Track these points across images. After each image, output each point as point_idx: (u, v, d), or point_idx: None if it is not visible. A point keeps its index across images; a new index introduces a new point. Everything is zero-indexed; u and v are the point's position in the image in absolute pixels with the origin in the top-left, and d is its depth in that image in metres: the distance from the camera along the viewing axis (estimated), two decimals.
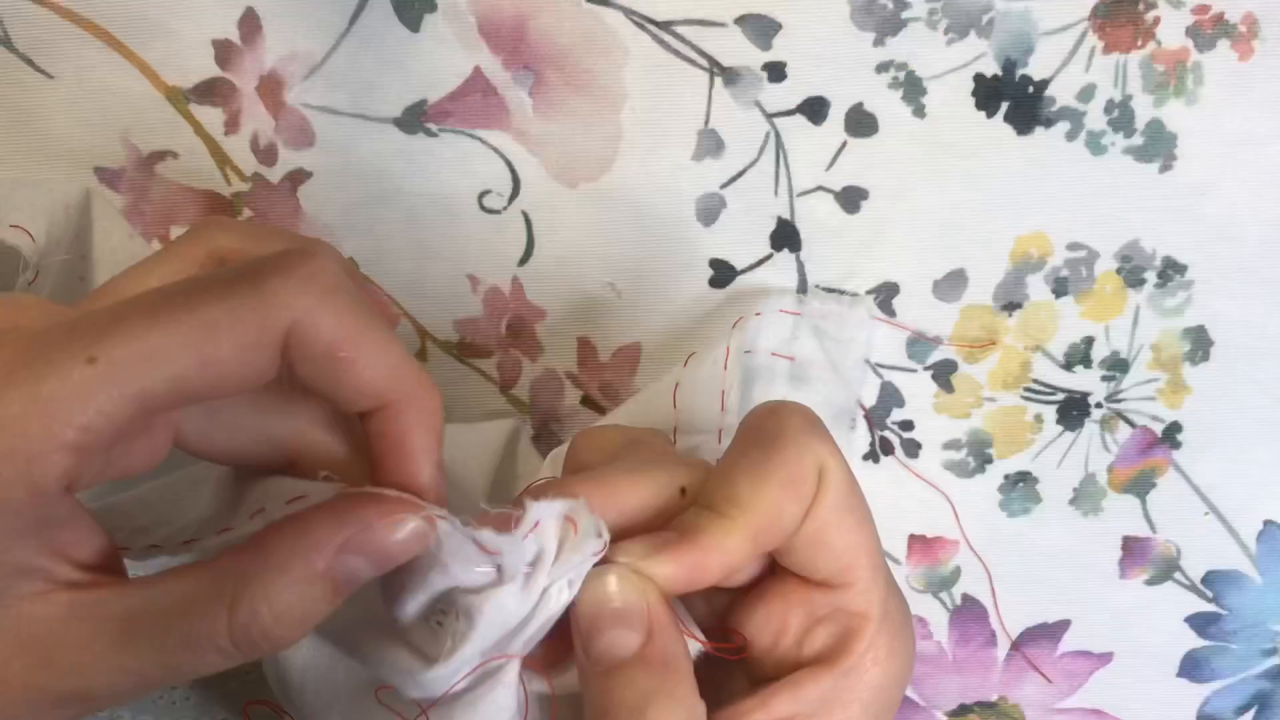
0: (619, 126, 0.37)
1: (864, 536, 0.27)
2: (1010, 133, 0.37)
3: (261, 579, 0.23)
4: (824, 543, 0.27)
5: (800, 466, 0.26)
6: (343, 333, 0.23)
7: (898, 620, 0.28)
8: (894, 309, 0.38)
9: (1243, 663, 0.40)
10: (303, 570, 0.23)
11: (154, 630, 0.23)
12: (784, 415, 0.27)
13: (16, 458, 0.21)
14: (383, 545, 0.24)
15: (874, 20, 0.36)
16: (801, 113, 0.37)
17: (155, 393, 0.21)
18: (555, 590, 0.25)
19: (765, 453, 0.26)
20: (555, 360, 0.38)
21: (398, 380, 0.24)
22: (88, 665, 0.23)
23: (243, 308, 0.22)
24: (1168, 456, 0.39)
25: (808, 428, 0.27)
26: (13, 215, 0.32)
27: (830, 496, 0.26)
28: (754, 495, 0.26)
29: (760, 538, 0.26)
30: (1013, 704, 0.41)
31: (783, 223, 0.37)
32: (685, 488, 0.27)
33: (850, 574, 0.27)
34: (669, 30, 0.36)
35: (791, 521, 0.26)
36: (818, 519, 0.26)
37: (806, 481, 0.26)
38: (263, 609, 0.23)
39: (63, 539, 0.23)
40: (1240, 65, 0.36)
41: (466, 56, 0.36)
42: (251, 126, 0.36)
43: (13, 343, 0.21)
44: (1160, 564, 0.39)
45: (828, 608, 0.27)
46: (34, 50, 0.36)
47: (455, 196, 0.37)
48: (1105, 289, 0.38)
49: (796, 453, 0.26)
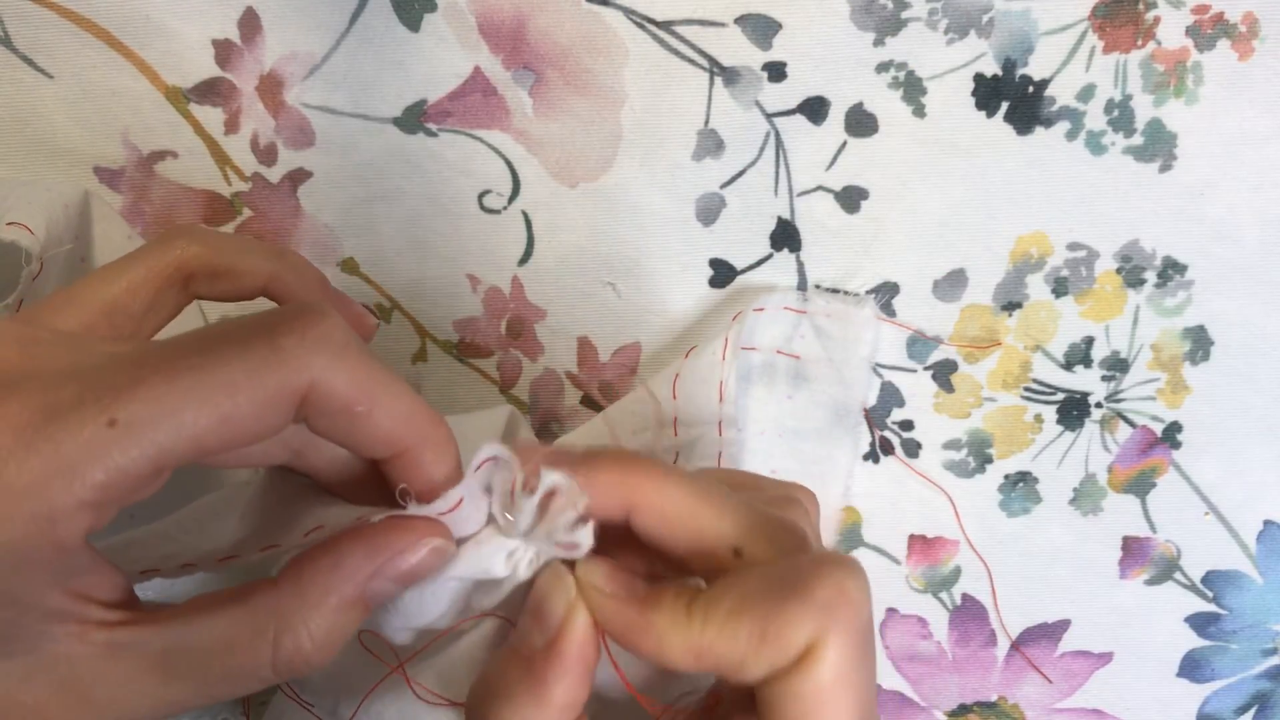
0: (619, 126, 0.37)
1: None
2: (1010, 132, 0.37)
3: (301, 613, 0.24)
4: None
5: (790, 626, 0.23)
6: (357, 389, 0.23)
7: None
8: (894, 309, 0.38)
9: (1243, 663, 0.40)
10: (338, 601, 0.24)
11: (195, 666, 0.24)
12: (830, 567, 0.24)
13: (40, 519, 0.21)
14: (409, 568, 0.25)
15: (874, 20, 0.36)
16: (801, 113, 0.37)
17: (175, 451, 0.22)
18: (527, 562, 0.26)
19: (774, 598, 0.24)
20: (555, 360, 0.38)
21: (413, 427, 0.25)
22: (128, 700, 0.24)
23: (262, 369, 0.22)
24: (1168, 456, 0.39)
25: (838, 590, 0.24)
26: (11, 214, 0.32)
27: (809, 680, 0.23)
28: (725, 625, 0.24)
29: (707, 665, 0.24)
30: (1013, 704, 0.41)
31: (783, 223, 0.37)
32: (741, 551, 0.25)
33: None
34: (669, 30, 0.36)
35: (750, 676, 0.24)
36: (792, 696, 0.23)
37: (785, 646, 0.23)
38: (305, 642, 0.24)
39: (87, 583, 0.23)
40: (1240, 65, 0.36)
41: (466, 56, 0.36)
42: (251, 126, 0.36)
43: (23, 396, 0.21)
44: (1160, 564, 0.39)
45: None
46: (34, 50, 0.36)
47: (455, 196, 0.37)
48: (1105, 289, 0.38)
49: (800, 615, 0.23)
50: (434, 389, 0.38)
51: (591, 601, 0.25)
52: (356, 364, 0.23)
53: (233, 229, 0.37)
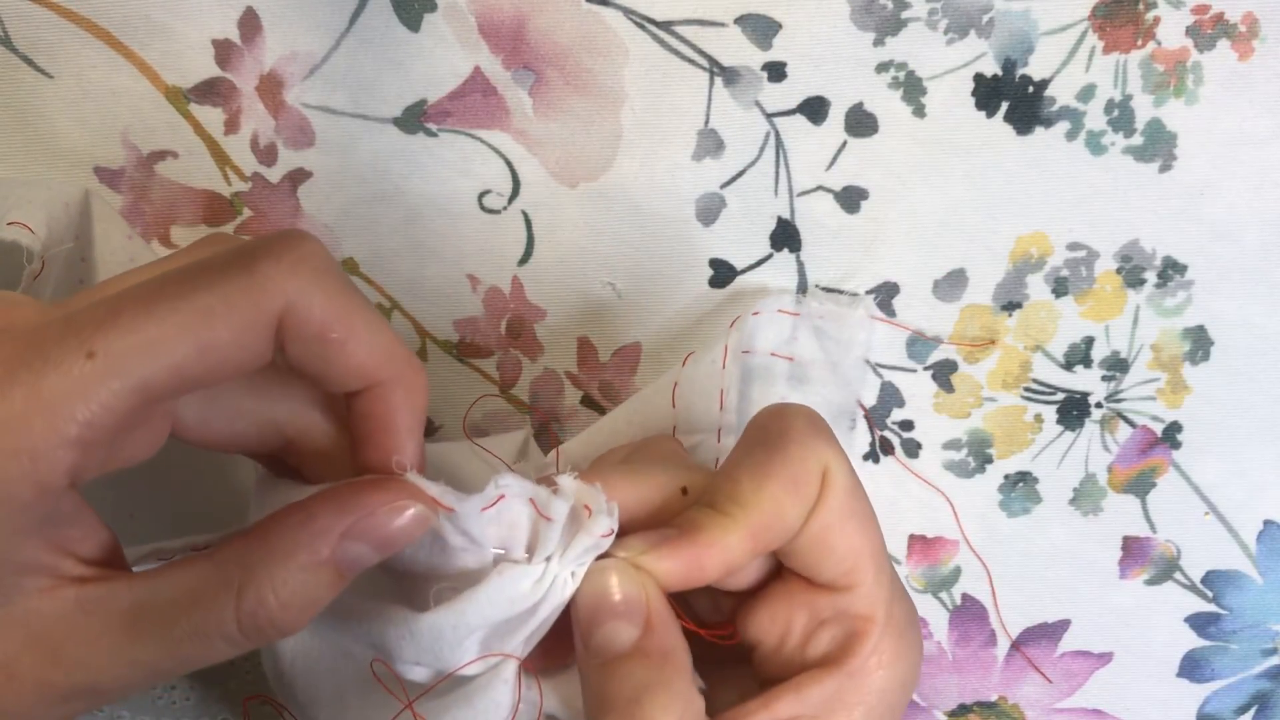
0: (619, 126, 0.37)
1: (868, 540, 0.27)
2: (1010, 132, 0.37)
3: (267, 566, 0.23)
4: (827, 545, 0.27)
5: (803, 467, 0.26)
6: (334, 314, 0.23)
7: (902, 624, 0.28)
8: (894, 309, 0.38)
9: (1243, 663, 0.40)
10: (308, 557, 0.23)
11: (162, 622, 0.23)
12: (789, 417, 0.27)
13: (21, 456, 0.21)
14: (385, 531, 0.24)
15: (874, 20, 0.36)
16: (801, 113, 0.37)
17: (156, 382, 0.21)
18: (560, 581, 0.26)
19: (769, 453, 0.27)
20: (555, 360, 0.38)
21: (387, 360, 0.25)
22: (97, 659, 0.23)
23: (237, 293, 0.22)
24: (1168, 456, 0.39)
25: (812, 430, 0.27)
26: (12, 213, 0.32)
27: (833, 499, 0.26)
28: (756, 494, 0.26)
29: (760, 536, 0.26)
30: (1013, 704, 0.41)
31: (783, 223, 0.37)
32: (687, 487, 0.27)
33: (854, 577, 0.27)
34: (669, 30, 0.36)
35: (793, 522, 0.26)
36: (820, 521, 0.26)
37: (809, 483, 0.26)
38: (269, 596, 0.23)
39: (68, 535, 0.23)
40: (1240, 65, 0.36)
41: (466, 56, 0.36)
42: (251, 126, 0.36)
43: (10, 341, 0.21)
44: (1160, 564, 0.39)
45: (831, 610, 0.27)
46: (34, 50, 0.36)
47: (455, 196, 0.37)
48: (1105, 289, 0.38)
49: (800, 453, 0.26)
50: (434, 389, 0.38)
51: (651, 567, 0.26)
52: (334, 289, 0.23)
53: (233, 229, 0.37)
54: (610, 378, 0.39)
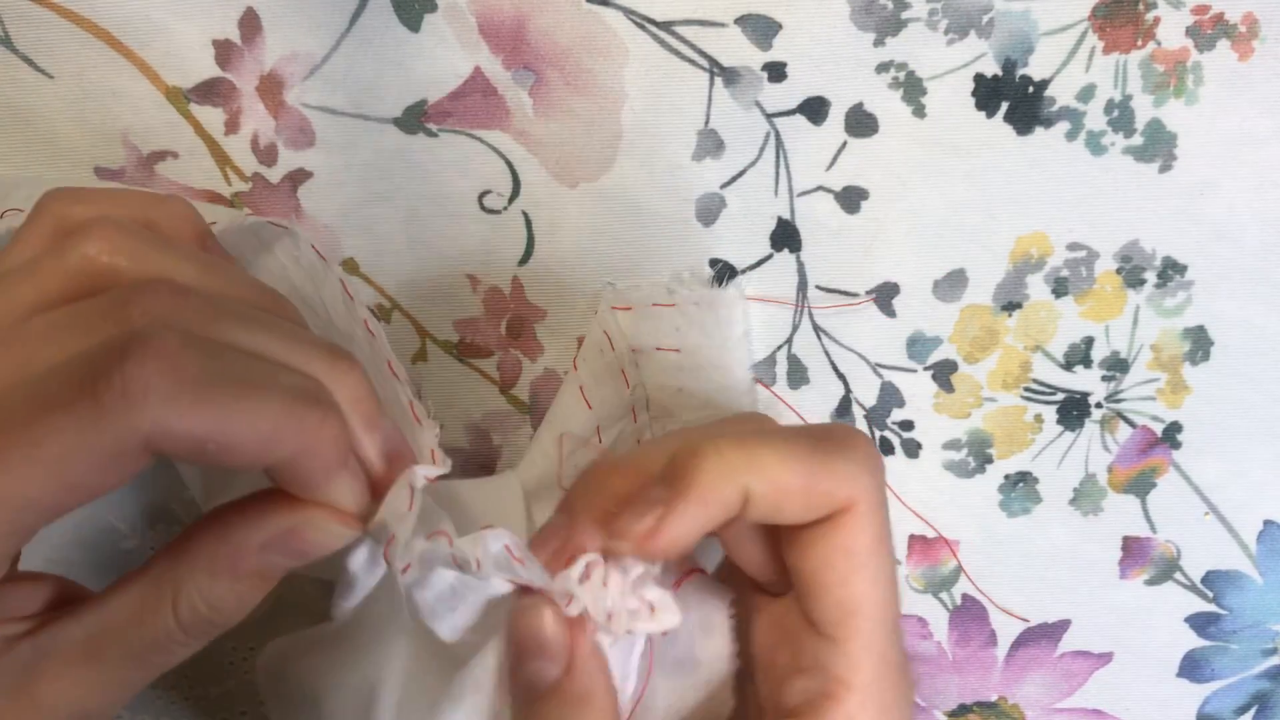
0: (619, 126, 0.37)
1: (871, 596, 0.25)
2: (1010, 133, 0.37)
3: (193, 579, 0.24)
4: (823, 583, 0.25)
5: (843, 461, 0.25)
6: (203, 428, 0.21)
7: (889, 703, 0.26)
8: (894, 309, 0.38)
9: (1243, 663, 0.40)
10: (227, 570, 0.24)
11: (118, 642, 0.24)
12: (853, 432, 0.27)
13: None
14: (300, 547, 0.24)
15: (874, 20, 0.36)
16: (801, 113, 0.37)
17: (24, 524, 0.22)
18: (496, 580, 0.26)
19: (815, 431, 0.26)
20: (555, 360, 0.38)
21: (281, 442, 0.22)
22: (72, 691, 0.24)
23: (91, 433, 0.20)
24: (1168, 456, 0.39)
25: (873, 454, 0.26)
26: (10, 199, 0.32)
27: (848, 537, 0.25)
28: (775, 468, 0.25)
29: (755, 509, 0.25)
30: (1013, 704, 0.41)
31: (783, 223, 0.37)
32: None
33: (842, 630, 0.25)
34: (669, 30, 0.36)
35: (791, 519, 0.25)
36: (825, 551, 0.25)
37: (831, 492, 0.25)
38: (200, 606, 0.24)
39: (2, 607, 0.24)
40: (1240, 65, 0.36)
41: (466, 56, 0.36)
42: (251, 126, 0.36)
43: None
44: (1160, 564, 0.39)
45: (812, 659, 0.26)
46: (34, 50, 0.36)
47: (455, 196, 0.37)
48: (1105, 289, 0.38)
49: (846, 442, 0.26)
50: (434, 389, 0.38)
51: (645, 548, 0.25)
52: (195, 403, 0.21)
53: None
54: None
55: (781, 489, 0.25)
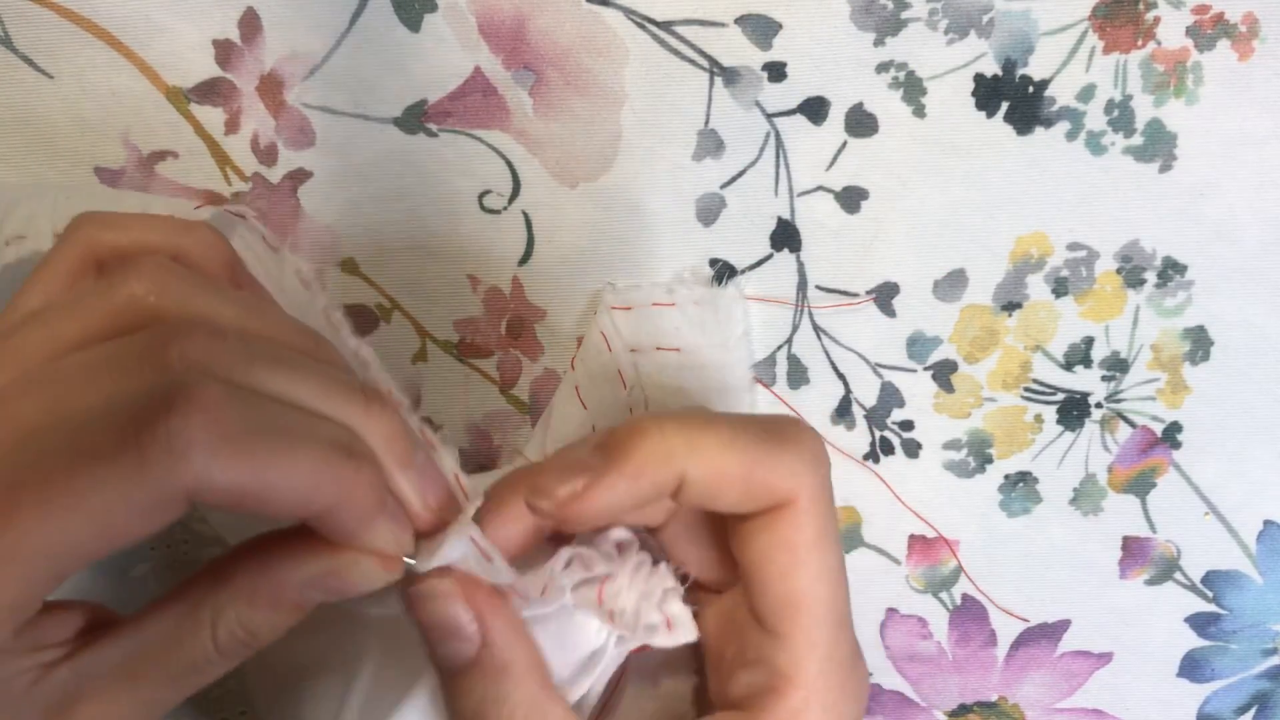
0: (619, 126, 0.37)
1: (814, 592, 0.25)
2: (1010, 133, 0.37)
3: (234, 607, 0.25)
4: (765, 578, 0.25)
5: (786, 454, 0.25)
6: (244, 481, 0.21)
7: (836, 697, 0.25)
8: (894, 309, 0.38)
9: (1243, 663, 0.40)
10: (267, 603, 0.25)
11: (156, 665, 0.25)
12: (801, 425, 0.27)
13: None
14: (339, 587, 0.25)
15: (874, 20, 0.36)
16: (801, 113, 0.37)
17: (64, 570, 0.22)
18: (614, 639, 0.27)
19: (762, 421, 0.26)
20: (555, 360, 0.38)
21: (319, 496, 0.23)
22: (111, 711, 0.24)
23: (134, 485, 0.21)
24: (1168, 456, 0.39)
25: (818, 450, 0.26)
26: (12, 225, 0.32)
27: (789, 528, 0.25)
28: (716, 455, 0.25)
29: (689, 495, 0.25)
30: (1013, 704, 0.41)
31: (783, 223, 0.37)
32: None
33: (785, 624, 0.25)
34: (669, 30, 0.36)
35: (726, 507, 0.25)
36: (767, 543, 0.25)
37: (773, 486, 0.25)
38: (238, 631, 0.25)
39: (39, 636, 0.24)
40: (1240, 65, 0.36)
41: (466, 56, 0.36)
42: (251, 126, 0.36)
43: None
44: (1160, 564, 0.39)
45: (757, 652, 0.26)
46: (34, 50, 0.36)
47: (455, 196, 0.37)
48: (1105, 289, 0.38)
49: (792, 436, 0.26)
50: (434, 389, 0.38)
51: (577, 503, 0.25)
52: (236, 456, 0.21)
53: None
54: None
55: (719, 474, 0.25)
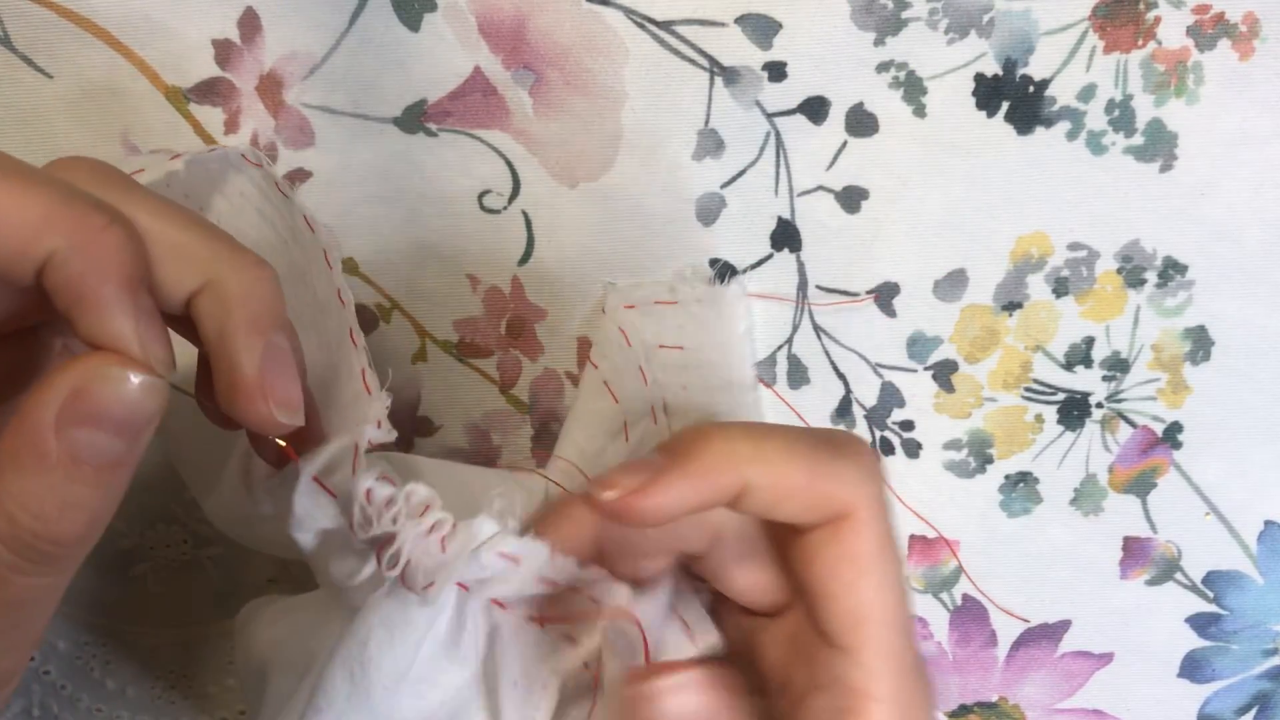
0: (619, 126, 0.37)
1: (880, 601, 0.24)
2: (1010, 132, 0.37)
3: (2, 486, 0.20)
4: (830, 592, 0.25)
5: (844, 466, 0.25)
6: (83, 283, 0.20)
7: (913, 707, 0.25)
8: (894, 309, 0.38)
9: (1243, 663, 0.40)
10: (33, 460, 0.20)
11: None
12: (855, 438, 0.26)
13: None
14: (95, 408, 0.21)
15: (874, 20, 0.36)
16: (802, 112, 0.37)
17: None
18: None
19: (818, 433, 0.26)
20: (555, 360, 0.38)
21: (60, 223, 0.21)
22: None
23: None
24: (1168, 456, 0.39)
25: (875, 462, 0.25)
26: None
27: (853, 540, 0.24)
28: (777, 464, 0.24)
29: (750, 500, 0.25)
30: (1013, 704, 0.41)
31: (783, 223, 0.37)
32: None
33: (854, 638, 0.24)
34: (669, 30, 0.36)
35: (785, 516, 0.25)
36: (830, 556, 0.24)
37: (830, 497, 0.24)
38: (16, 512, 0.20)
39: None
40: (1241, 65, 0.36)
41: (466, 56, 0.36)
42: (251, 126, 0.36)
43: None
44: (1161, 564, 0.39)
45: (828, 675, 0.25)
46: (34, 50, 0.36)
47: (455, 196, 0.37)
48: (1106, 289, 0.38)
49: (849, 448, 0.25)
50: (434, 389, 0.38)
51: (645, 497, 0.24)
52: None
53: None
54: None
55: (782, 481, 0.24)
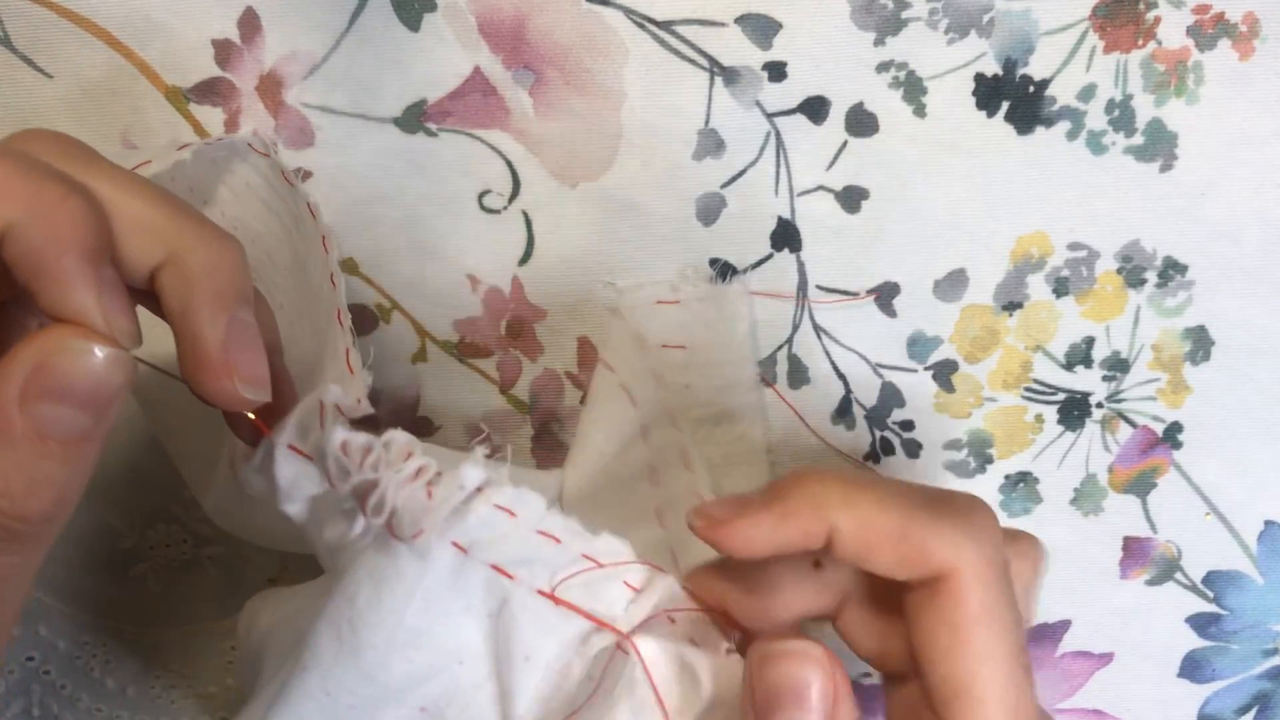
0: (619, 126, 0.37)
1: (982, 674, 0.23)
2: (1011, 132, 0.37)
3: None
4: (928, 659, 0.24)
5: (950, 526, 0.24)
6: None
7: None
8: (894, 309, 0.38)
9: (1243, 663, 0.40)
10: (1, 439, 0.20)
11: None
12: (977, 502, 0.25)
13: None
14: (57, 382, 0.21)
15: (874, 20, 0.36)
16: (802, 112, 0.37)
17: None
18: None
19: (934, 492, 0.25)
20: (555, 360, 0.38)
21: (17, 193, 0.20)
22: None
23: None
24: (1168, 456, 0.39)
25: (989, 526, 0.24)
26: None
27: (950, 604, 0.23)
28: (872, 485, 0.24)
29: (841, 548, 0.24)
30: None
31: (783, 223, 0.37)
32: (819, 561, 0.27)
33: (951, 710, 0.23)
34: (669, 30, 0.36)
35: (882, 570, 0.24)
36: (930, 620, 0.24)
37: (927, 557, 0.23)
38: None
39: None
40: (1241, 65, 0.36)
41: (466, 56, 0.36)
42: (251, 126, 0.36)
43: None
44: (1161, 564, 0.39)
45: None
46: (34, 50, 0.36)
47: (455, 196, 0.37)
48: (1106, 289, 0.38)
49: (958, 508, 0.24)
50: (434, 389, 0.38)
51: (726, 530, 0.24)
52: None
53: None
54: None
55: (870, 530, 0.24)
